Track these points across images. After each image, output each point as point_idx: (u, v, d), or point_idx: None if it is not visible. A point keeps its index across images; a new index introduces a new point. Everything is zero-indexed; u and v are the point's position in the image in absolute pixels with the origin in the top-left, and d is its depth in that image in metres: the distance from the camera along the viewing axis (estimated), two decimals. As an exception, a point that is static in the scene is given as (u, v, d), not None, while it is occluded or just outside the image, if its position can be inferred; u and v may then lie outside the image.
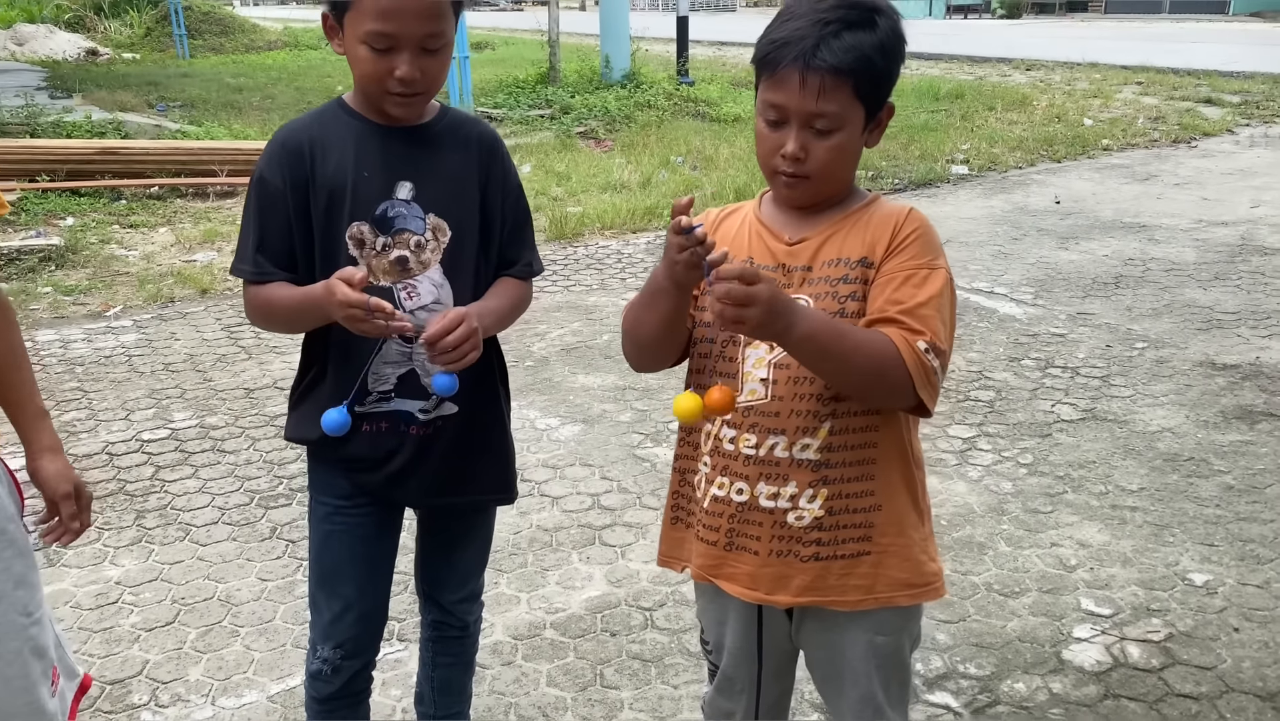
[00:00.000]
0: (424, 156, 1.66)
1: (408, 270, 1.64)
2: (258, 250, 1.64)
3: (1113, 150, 9.27)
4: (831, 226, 1.47)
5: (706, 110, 11.03)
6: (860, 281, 1.43)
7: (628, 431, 3.79)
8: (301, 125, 1.67)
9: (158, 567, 2.94)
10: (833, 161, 1.41)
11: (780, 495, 1.47)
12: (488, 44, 21.62)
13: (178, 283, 5.61)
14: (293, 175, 1.62)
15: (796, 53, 1.35)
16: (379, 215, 1.63)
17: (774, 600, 1.52)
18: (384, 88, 1.56)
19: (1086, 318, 4.90)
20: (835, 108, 1.37)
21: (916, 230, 1.43)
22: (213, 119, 10.68)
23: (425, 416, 1.70)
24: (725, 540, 1.53)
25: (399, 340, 1.66)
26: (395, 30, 1.50)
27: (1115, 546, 2.97)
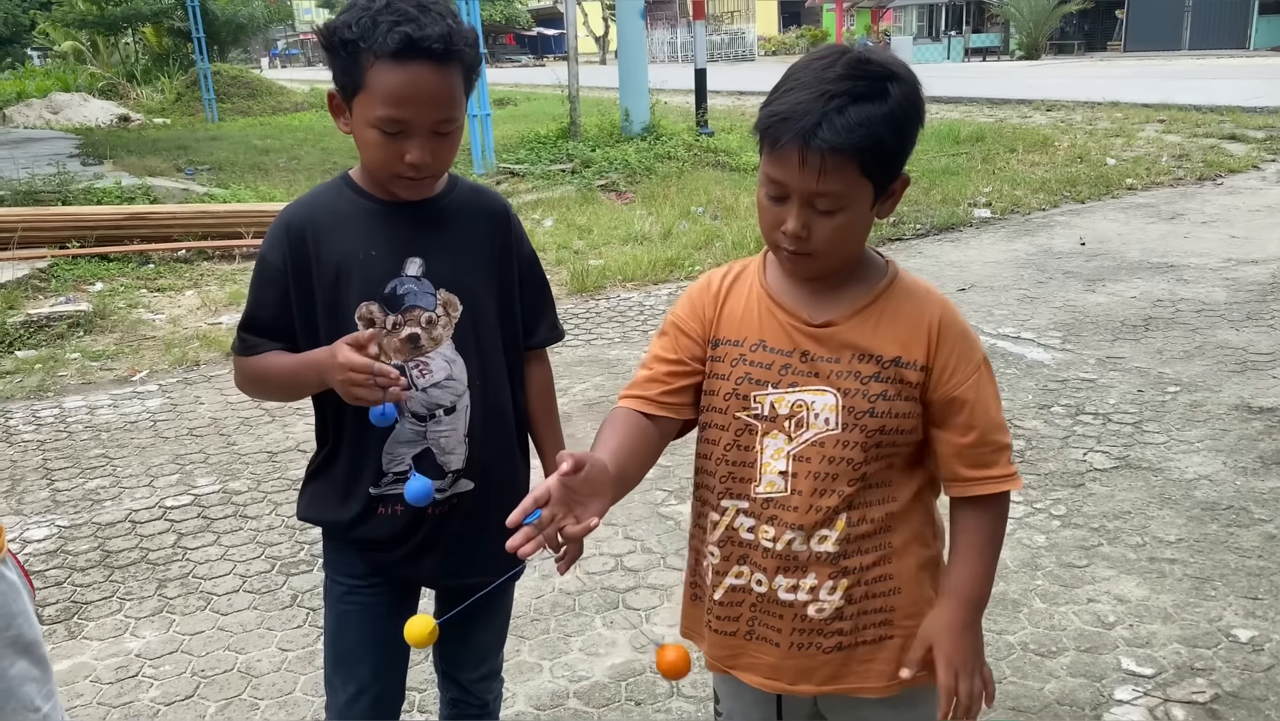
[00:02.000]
0: (433, 231, 1.65)
1: (419, 348, 1.63)
2: (246, 328, 1.65)
3: (1137, 189, 9.20)
4: (854, 311, 1.40)
5: (726, 160, 11.09)
6: (894, 381, 1.38)
7: (651, 489, 3.74)
8: (306, 204, 1.67)
9: (179, 639, 2.92)
10: (836, 241, 1.33)
11: (800, 587, 1.43)
12: (510, 100, 21.96)
13: (203, 345, 5.66)
14: (294, 257, 1.61)
15: (796, 130, 1.24)
16: (388, 293, 1.61)
17: (797, 690, 1.48)
18: (393, 171, 1.55)
19: (1116, 361, 4.82)
20: (838, 187, 1.27)
21: (959, 333, 1.40)
22: (239, 181, 10.86)
23: (441, 496, 1.68)
24: (746, 629, 1.48)
25: (413, 420, 1.64)
26: (408, 117, 1.49)
27: (1155, 601, 2.87)
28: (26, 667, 1.59)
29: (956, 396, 1.39)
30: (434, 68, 1.47)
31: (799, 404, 1.39)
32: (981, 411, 1.39)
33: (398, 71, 1.46)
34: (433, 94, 1.49)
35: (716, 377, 1.44)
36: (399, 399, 1.51)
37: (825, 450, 1.39)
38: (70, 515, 3.71)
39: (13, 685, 1.55)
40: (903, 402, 1.38)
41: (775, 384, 1.40)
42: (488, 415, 1.69)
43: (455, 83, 1.52)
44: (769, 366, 1.41)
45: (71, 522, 3.65)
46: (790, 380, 1.40)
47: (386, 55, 1.46)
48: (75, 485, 3.98)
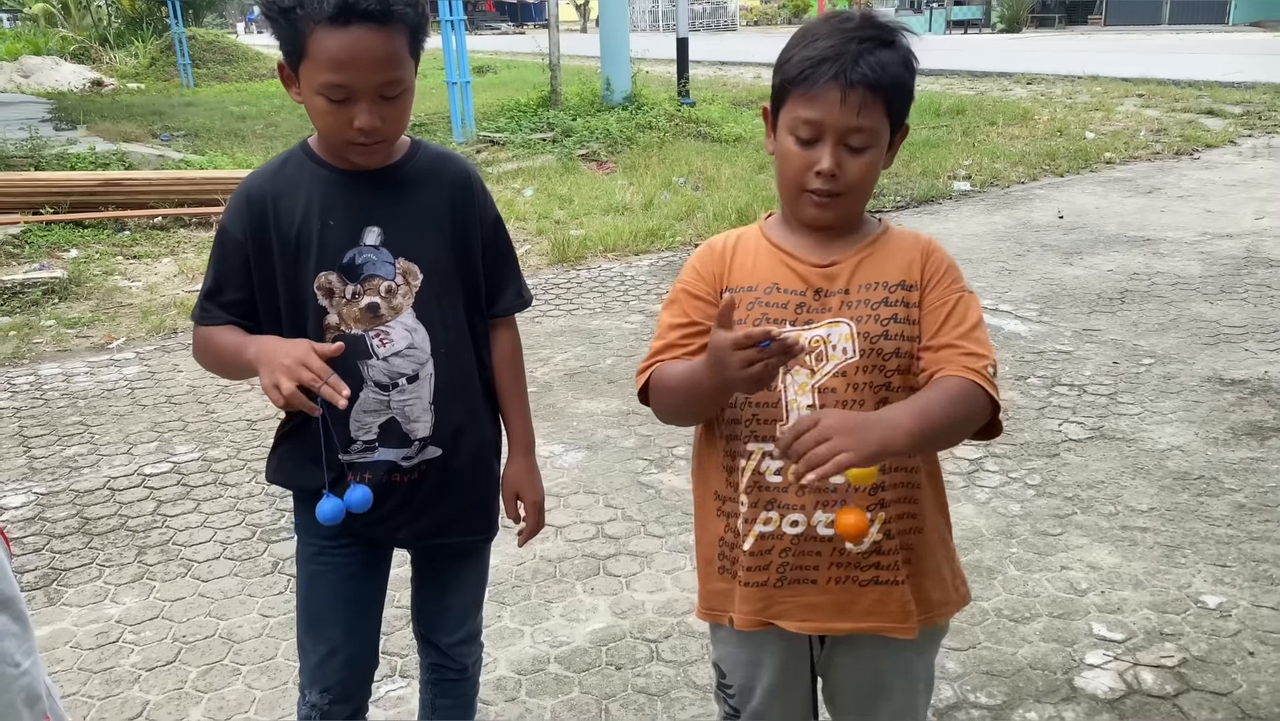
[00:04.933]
0: (392, 199, 1.64)
1: (379, 317, 1.63)
2: (208, 297, 1.65)
3: (1115, 163, 9.25)
4: (860, 251, 1.49)
5: (708, 131, 11.05)
6: (902, 304, 1.46)
7: (632, 457, 3.76)
8: (265, 175, 1.66)
9: (159, 605, 2.92)
10: (866, 178, 1.43)
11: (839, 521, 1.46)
12: (489, 67, 21.74)
13: (180, 313, 5.61)
14: (253, 229, 1.61)
15: (837, 69, 1.36)
16: (347, 263, 1.61)
17: (834, 628, 1.53)
18: (344, 138, 1.54)
19: (1092, 334, 4.87)
20: (872, 123, 1.39)
21: (945, 258, 1.50)
22: (216, 148, 10.74)
23: (409, 464, 1.68)
24: (776, 576, 1.51)
25: (375, 389, 1.64)
26: (350, 81, 1.47)
27: (1126, 569, 2.93)
28: (6, 623, 1.58)
29: (943, 304, 1.45)
30: (374, 29, 1.45)
31: (817, 339, 1.44)
32: (967, 320, 1.44)
33: (337, 36, 1.45)
34: (374, 57, 1.46)
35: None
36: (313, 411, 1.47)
37: (848, 378, 1.44)
38: (48, 482, 3.69)
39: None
40: (912, 325, 1.45)
41: (792, 321, 1.45)
42: (453, 382, 1.69)
43: (398, 44, 1.49)
44: (784, 306, 1.47)
45: (49, 490, 3.63)
46: (806, 317, 1.46)
47: (324, 20, 1.44)
48: (53, 452, 3.96)
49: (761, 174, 8.92)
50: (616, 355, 4.86)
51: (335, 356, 1.48)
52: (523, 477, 1.81)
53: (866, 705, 1.64)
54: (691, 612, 2.78)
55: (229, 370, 1.66)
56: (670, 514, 3.34)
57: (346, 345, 1.62)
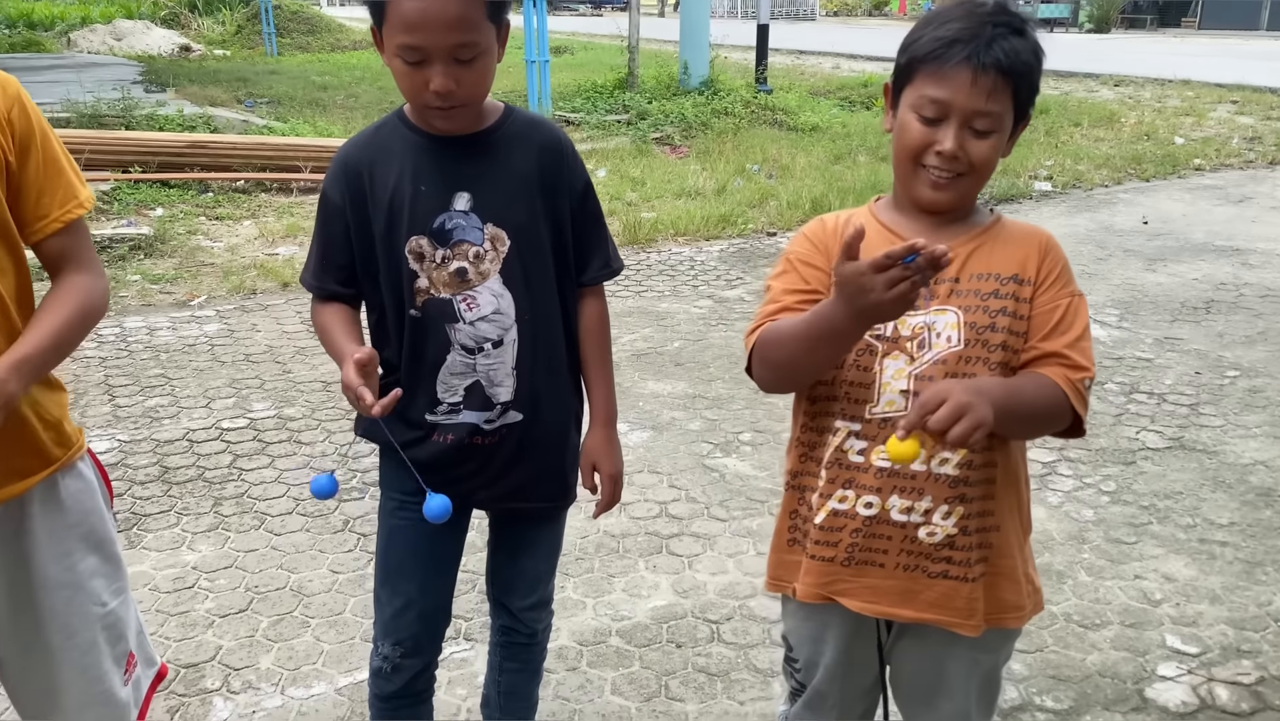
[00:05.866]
0: (482, 165, 1.65)
1: (466, 281, 1.64)
2: (321, 265, 1.70)
3: (1205, 170, 8.97)
4: (973, 239, 1.47)
5: (784, 119, 10.95)
6: (1012, 298, 1.43)
7: (697, 440, 3.76)
8: (362, 141, 1.69)
9: (233, 555, 3.00)
10: (988, 161, 1.42)
11: (914, 509, 1.46)
12: (567, 48, 21.78)
13: (260, 275, 5.73)
14: (351, 193, 1.64)
15: (970, 50, 1.35)
16: (437, 228, 1.62)
17: (897, 614, 1.51)
18: (422, 101, 1.55)
19: (1175, 342, 4.74)
20: (999, 108, 1.38)
21: (1062, 258, 1.47)
22: (298, 116, 10.92)
23: (490, 427, 1.70)
24: (844, 555, 1.50)
25: (462, 352, 1.66)
26: (423, 42, 1.48)
27: (1203, 582, 2.85)
28: (97, 564, 1.64)
29: (1055, 307, 1.43)
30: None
31: (921, 325, 1.43)
32: (1075, 328, 1.42)
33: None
34: (444, 18, 1.46)
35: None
36: (379, 415, 1.47)
37: (948, 367, 1.42)
38: (130, 430, 3.81)
39: (81, 578, 1.60)
40: (1021, 320, 1.43)
41: None
42: (536, 349, 1.70)
43: (471, 5, 1.48)
44: None
45: (131, 437, 3.74)
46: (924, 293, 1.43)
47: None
48: (135, 402, 4.08)
49: (837, 165, 8.82)
50: (684, 339, 4.85)
51: (368, 363, 1.48)
52: (601, 449, 1.82)
53: (927, 698, 1.63)
54: (754, 597, 2.78)
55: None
56: (734, 499, 3.33)
57: (435, 308, 1.65)
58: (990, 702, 1.66)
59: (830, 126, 10.73)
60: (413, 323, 1.66)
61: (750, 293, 5.57)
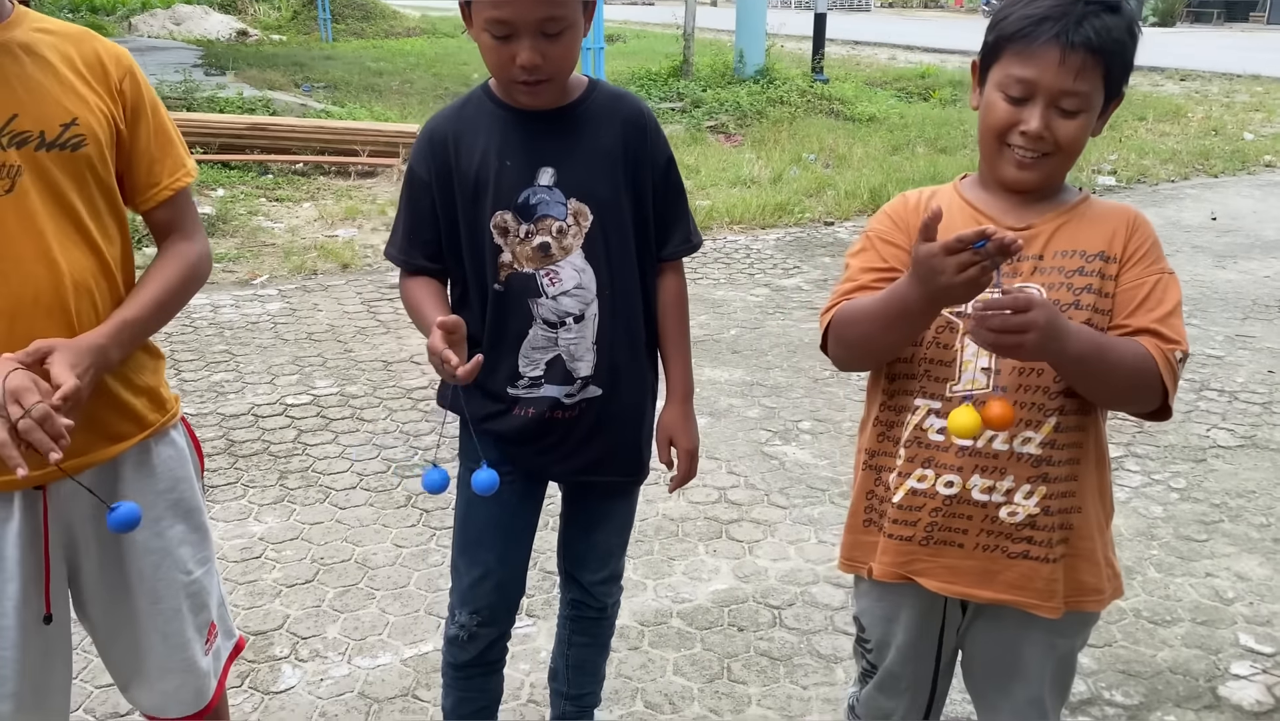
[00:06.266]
0: (566, 140, 1.65)
1: (550, 256, 1.65)
2: (408, 240, 1.71)
3: (1276, 167, 8.75)
4: (1058, 217, 1.44)
5: (840, 109, 10.85)
6: (1098, 275, 1.40)
7: (755, 428, 3.75)
8: (447, 116, 1.69)
9: (299, 527, 3.04)
10: (1075, 141, 1.39)
11: (995, 489, 1.44)
12: (619, 36, 21.76)
13: (320, 256, 5.80)
14: (437, 167, 1.65)
15: (1060, 29, 1.32)
16: (521, 202, 1.63)
17: (976, 594, 1.50)
18: (509, 75, 1.55)
19: (1246, 340, 4.63)
20: (1087, 88, 1.35)
21: (1151, 236, 1.44)
22: (354, 101, 11.03)
23: (570, 401, 1.71)
24: (923, 534, 1.49)
25: (544, 326, 1.67)
26: (510, 16, 1.48)
27: (1277, 582, 2.79)
28: (184, 532, 1.67)
29: (1140, 284, 1.40)
30: None
31: None
32: (1165, 304, 1.38)
33: None
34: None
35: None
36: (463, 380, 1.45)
37: None
38: (196, 404, 3.87)
39: (169, 545, 1.63)
40: (1106, 299, 1.40)
41: None
42: (615, 324, 1.70)
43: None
44: None
45: (198, 411, 3.81)
46: (995, 281, 1.39)
47: None
48: (201, 377, 4.15)
49: (895, 155, 8.72)
50: (740, 326, 4.83)
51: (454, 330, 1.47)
52: (679, 424, 1.82)
53: (1001, 682, 1.60)
54: (816, 584, 2.76)
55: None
56: (794, 486, 3.31)
57: (518, 283, 1.65)
58: (1064, 688, 1.64)
59: (888, 117, 10.61)
60: (496, 297, 1.67)
61: (808, 281, 5.54)
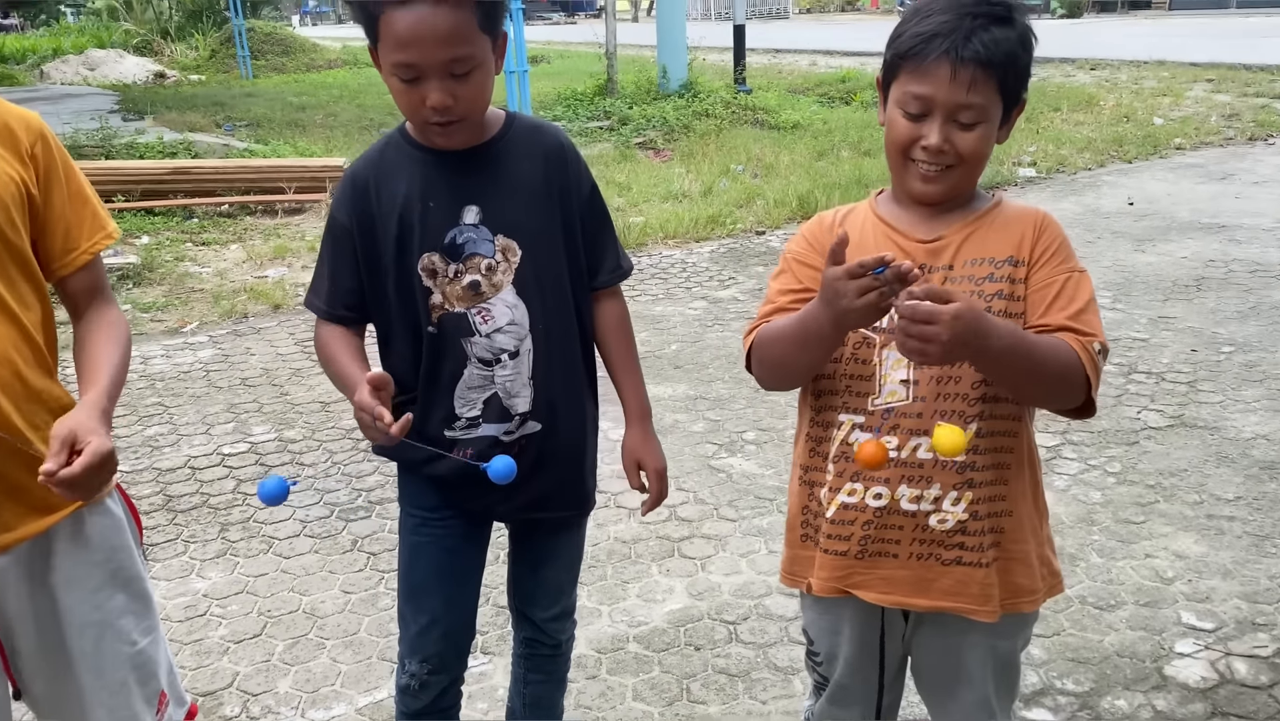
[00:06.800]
0: (488, 177, 1.65)
1: (480, 294, 1.64)
2: (330, 287, 1.69)
3: (1186, 149, 9.03)
4: (967, 226, 1.47)
5: (765, 118, 10.97)
6: (1007, 280, 1.43)
7: (701, 442, 3.76)
8: (368, 161, 1.68)
9: (243, 580, 2.98)
10: (977, 152, 1.42)
11: (923, 498, 1.46)
12: (543, 57, 21.79)
13: (251, 298, 5.71)
14: (359, 213, 1.64)
15: (948, 45, 1.35)
16: (448, 243, 1.62)
17: (913, 603, 1.52)
18: (421, 118, 1.54)
19: (1168, 321, 4.76)
20: (982, 100, 1.38)
21: (1058, 236, 1.46)
22: (278, 137, 10.89)
23: (509, 439, 1.70)
24: (857, 548, 1.51)
25: (479, 365, 1.66)
26: (417, 59, 1.47)
27: (1214, 558, 2.86)
28: (126, 602, 1.62)
29: (1050, 284, 1.42)
30: (434, 6, 1.44)
31: None
32: (1077, 301, 1.40)
33: (401, 15, 1.45)
34: (436, 33, 1.45)
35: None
36: (393, 441, 1.47)
37: None
38: (131, 461, 3.78)
39: (110, 616, 1.58)
40: (1018, 302, 1.43)
41: None
42: (551, 357, 1.70)
43: (462, 19, 1.47)
44: None
45: (133, 468, 3.72)
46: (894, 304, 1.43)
47: (390, 0, 1.46)
48: (134, 432, 4.05)
49: (821, 161, 8.84)
50: (681, 341, 4.85)
51: (383, 385, 1.47)
52: (643, 446, 1.82)
53: (948, 686, 1.63)
54: (769, 595, 2.78)
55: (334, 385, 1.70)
56: (743, 498, 3.33)
57: (451, 323, 1.64)
58: (1010, 688, 1.66)
59: (811, 123, 10.75)
60: (429, 340, 1.66)
61: (743, 292, 5.58)
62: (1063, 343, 1.37)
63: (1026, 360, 1.34)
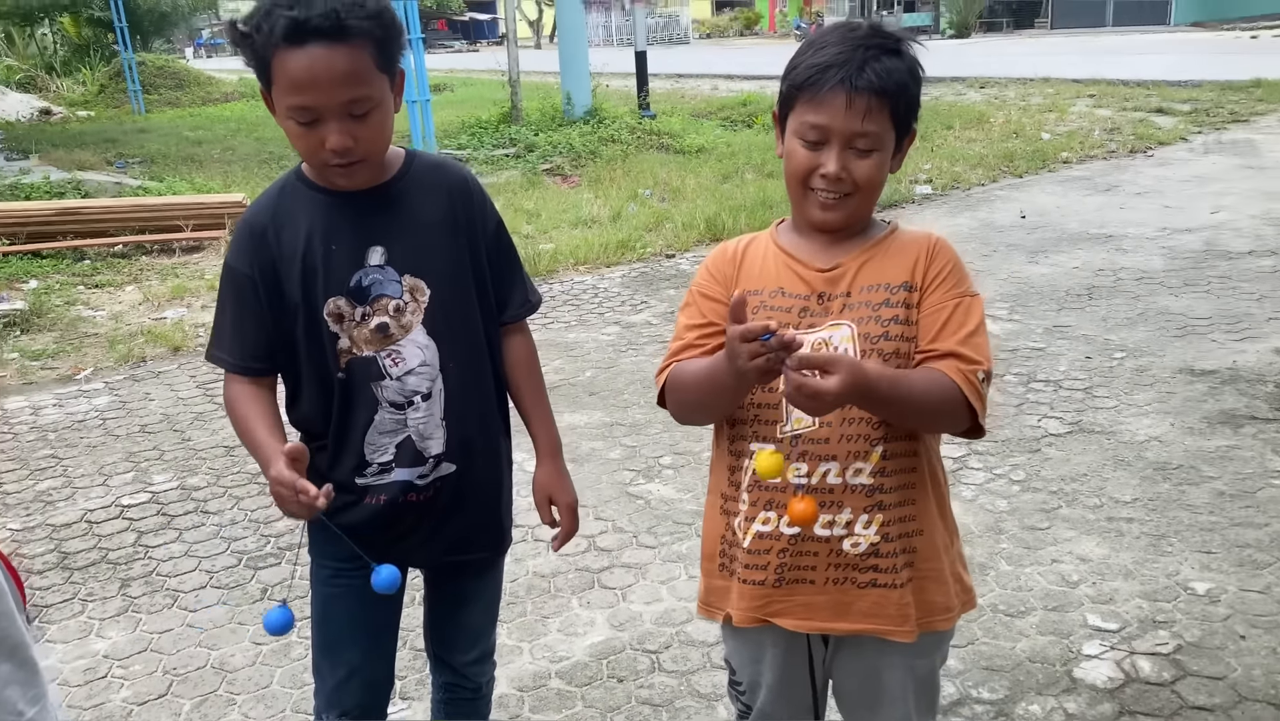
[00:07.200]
0: (392, 216, 1.62)
1: (390, 336, 1.61)
2: (234, 339, 1.63)
3: (1072, 163, 9.41)
4: (863, 253, 1.50)
5: (670, 142, 11.09)
6: (903, 305, 1.46)
7: (618, 469, 3.75)
8: (264, 206, 1.63)
9: (147, 638, 2.86)
10: (873, 180, 1.45)
11: (836, 522, 1.48)
12: (446, 86, 21.69)
13: (148, 341, 5.52)
14: (260, 260, 1.59)
15: (843, 74, 1.39)
16: (354, 286, 1.59)
17: (833, 628, 1.53)
18: (320, 160, 1.52)
19: (1063, 330, 4.94)
20: (877, 128, 1.42)
21: (950, 260, 1.50)
22: (174, 173, 10.60)
23: (423, 482, 1.67)
24: (774, 576, 1.52)
25: (390, 409, 1.63)
26: (313, 102, 1.45)
27: (1115, 559, 2.96)
28: (10, 671, 1.54)
29: (941, 308, 1.45)
30: (330, 47, 1.43)
31: (819, 342, 1.46)
32: (966, 326, 1.44)
33: (295, 56, 1.43)
34: (333, 75, 1.43)
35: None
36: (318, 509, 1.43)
37: None
38: (22, 517, 3.61)
39: None
40: (913, 327, 1.47)
41: (796, 325, 1.47)
42: (465, 396, 1.68)
43: (360, 60, 1.46)
44: (789, 310, 1.49)
45: (24, 525, 3.55)
46: (810, 321, 1.48)
47: (281, 42, 1.43)
48: (25, 487, 3.87)
49: (726, 184, 8.97)
50: (595, 367, 4.85)
51: (300, 456, 1.44)
52: (554, 481, 1.80)
53: (869, 707, 1.64)
54: (690, 622, 2.78)
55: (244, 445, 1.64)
56: (661, 524, 3.33)
57: (360, 368, 1.61)
58: (930, 705, 1.68)
59: (715, 147, 10.91)
60: (339, 386, 1.62)
61: (656, 316, 5.61)
62: (944, 377, 1.41)
63: (907, 402, 1.40)
